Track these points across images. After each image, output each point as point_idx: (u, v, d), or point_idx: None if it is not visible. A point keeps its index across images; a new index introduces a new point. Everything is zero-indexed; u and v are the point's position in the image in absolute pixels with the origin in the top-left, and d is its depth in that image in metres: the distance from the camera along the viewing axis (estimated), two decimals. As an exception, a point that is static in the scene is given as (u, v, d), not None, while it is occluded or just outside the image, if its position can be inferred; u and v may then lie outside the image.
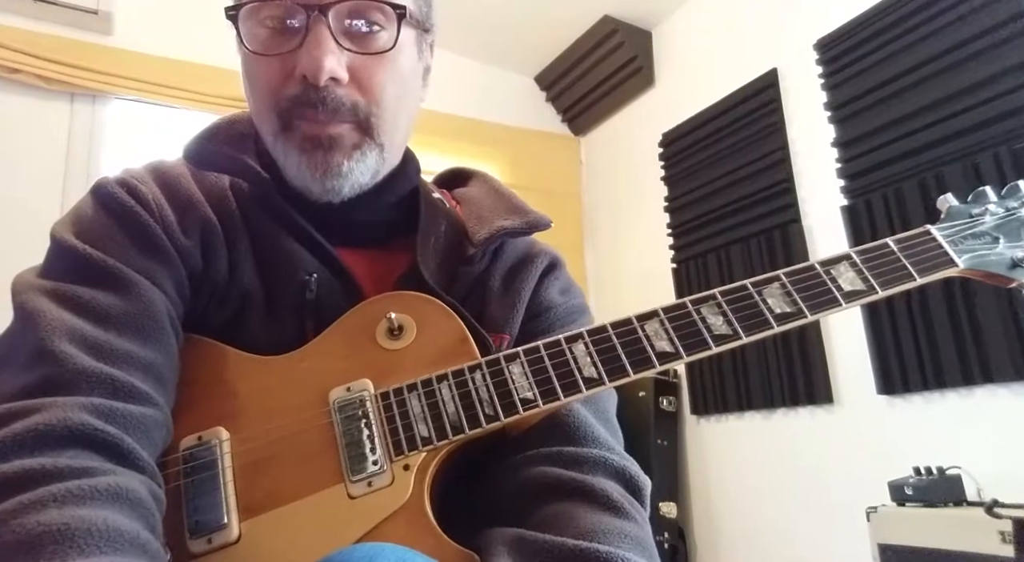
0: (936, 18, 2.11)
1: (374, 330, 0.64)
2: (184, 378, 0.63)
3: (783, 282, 0.64)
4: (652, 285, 3.13)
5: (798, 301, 0.63)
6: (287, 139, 0.66)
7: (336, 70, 0.63)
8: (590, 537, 0.54)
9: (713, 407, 2.75)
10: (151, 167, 0.70)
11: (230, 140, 0.72)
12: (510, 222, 0.74)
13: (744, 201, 2.71)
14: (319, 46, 0.62)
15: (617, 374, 0.61)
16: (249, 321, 0.66)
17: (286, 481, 0.59)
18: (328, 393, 0.62)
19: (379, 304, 0.66)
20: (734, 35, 2.88)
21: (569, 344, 0.62)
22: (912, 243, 0.68)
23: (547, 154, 3.55)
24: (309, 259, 0.68)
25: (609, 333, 0.62)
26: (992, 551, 1.53)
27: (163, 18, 2.63)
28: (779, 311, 0.62)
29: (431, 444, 0.59)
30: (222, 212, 0.69)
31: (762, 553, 2.55)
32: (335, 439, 0.60)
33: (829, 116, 2.41)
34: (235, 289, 0.66)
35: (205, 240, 0.66)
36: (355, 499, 0.58)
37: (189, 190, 0.68)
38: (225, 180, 0.72)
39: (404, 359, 0.63)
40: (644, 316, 0.63)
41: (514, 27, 3.20)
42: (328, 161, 0.65)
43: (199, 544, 0.56)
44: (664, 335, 0.61)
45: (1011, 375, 1.85)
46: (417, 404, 0.60)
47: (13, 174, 2.24)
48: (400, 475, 0.58)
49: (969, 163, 1.98)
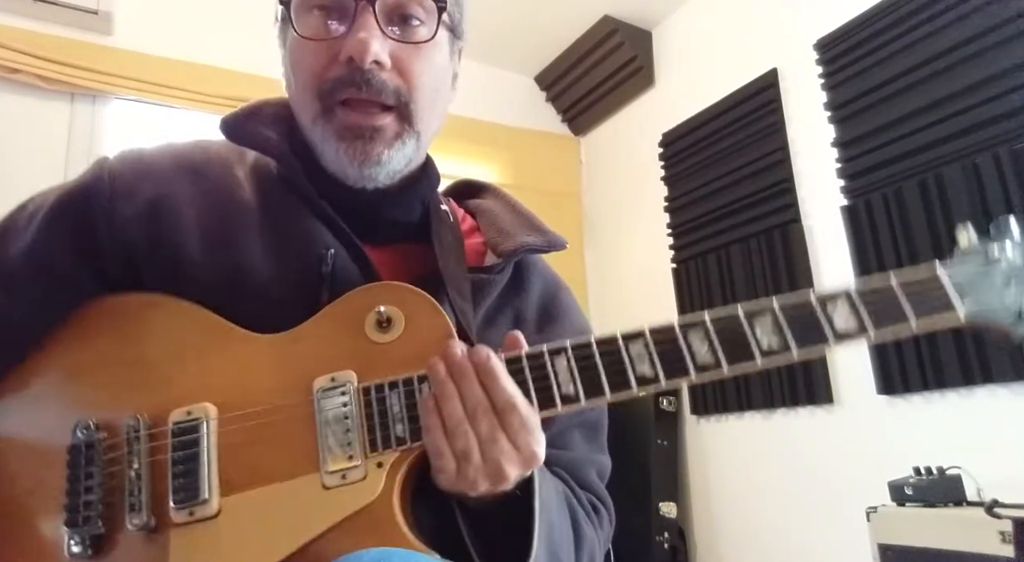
0: (936, 18, 2.11)
1: (363, 320, 0.65)
2: (177, 346, 0.65)
3: (776, 315, 0.61)
4: (652, 285, 3.13)
5: (788, 338, 0.60)
6: (326, 123, 0.69)
7: (380, 54, 0.66)
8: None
9: (713, 407, 2.75)
10: (140, 151, 0.75)
11: (268, 121, 0.75)
12: (532, 239, 0.78)
13: (744, 201, 2.71)
14: (366, 30, 0.66)
15: (595, 394, 0.60)
16: (247, 291, 0.67)
17: (266, 463, 0.61)
18: (313, 380, 0.63)
19: (370, 293, 0.66)
20: (734, 35, 2.88)
21: (552, 357, 0.61)
22: (917, 287, 0.62)
23: (547, 154, 3.55)
24: (330, 237, 0.70)
25: (593, 350, 0.61)
26: (992, 551, 1.53)
27: (163, 18, 2.63)
28: (766, 346, 0.60)
29: (405, 444, 0.60)
30: (227, 189, 0.72)
31: (762, 553, 2.55)
32: (314, 428, 0.61)
33: (829, 116, 2.41)
34: (223, 259, 0.68)
35: (156, 222, 0.69)
36: (328, 490, 0.59)
37: (165, 183, 0.71)
38: (249, 162, 0.76)
39: (390, 353, 0.63)
40: (630, 336, 0.62)
41: (514, 27, 3.20)
42: (368, 151, 0.69)
43: (181, 515, 0.60)
44: (647, 358, 0.60)
45: (1011, 375, 1.85)
46: (396, 403, 0.61)
47: (13, 174, 2.24)
48: (373, 471, 0.59)
49: (969, 163, 1.98)
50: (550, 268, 0.88)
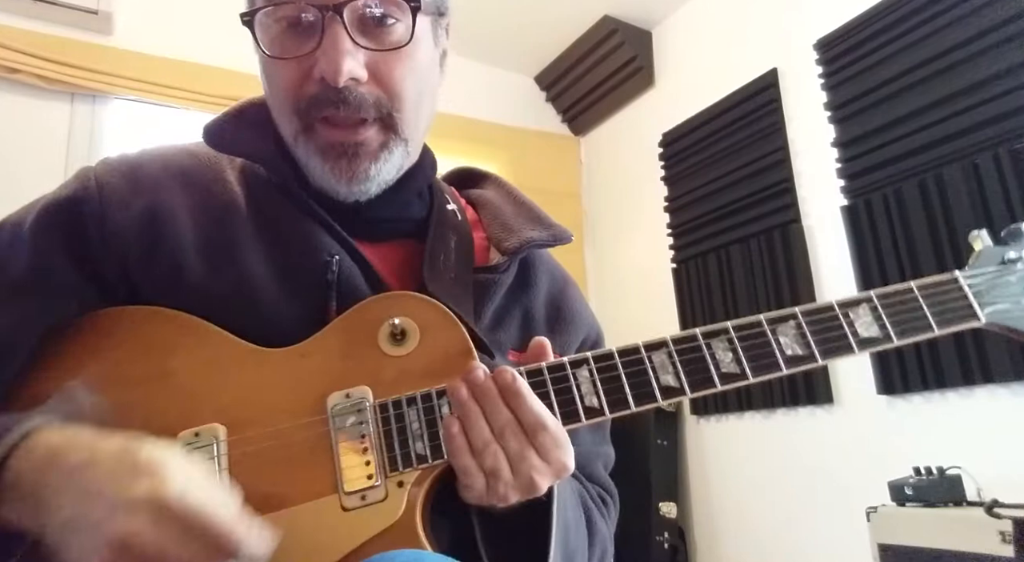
0: (936, 18, 2.11)
1: (376, 333, 0.62)
2: (182, 363, 0.62)
3: (799, 322, 0.62)
4: (652, 285, 3.13)
5: (811, 344, 0.61)
6: (308, 140, 0.66)
7: (355, 70, 0.62)
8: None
9: (713, 407, 2.75)
10: (126, 158, 0.71)
11: (254, 124, 0.72)
12: (537, 233, 0.75)
13: (744, 201, 2.71)
14: (336, 47, 0.61)
15: (619, 406, 0.59)
16: (251, 305, 0.64)
17: (280, 486, 0.58)
18: (326, 398, 0.60)
19: (383, 304, 0.64)
20: (734, 35, 2.87)
21: (574, 369, 0.60)
22: (937, 291, 0.65)
23: (547, 154, 3.55)
24: (331, 243, 0.67)
25: (616, 361, 0.60)
26: (992, 551, 1.53)
27: (163, 18, 2.63)
28: (791, 353, 0.61)
29: (426, 462, 0.58)
30: (220, 197, 0.69)
31: (762, 553, 2.55)
32: (331, 448, 0.59)
33: (829, 116, 2.41)
34: (225, 272, 0.64)
35: (152, 229, 0.65)
36: (348, 511, 0.57)
37: (156, 190, 0.67)
38: (237, 165, 0.72)
39: (405, 367, 0.61)
40: (652, 345, 0.61)
41: (514, 27, 3.20)
42: (354, 168, 0.66)
43: None
44: (671, 368, 0.60)
45: (1011, 375, 1.85)
46: (416, 420, 0.59)
47: (13, 174, 2.24)
48: (394, 491, 0.57)
49: (969, 163, 1.98)
50: (555, 261, 0.85)
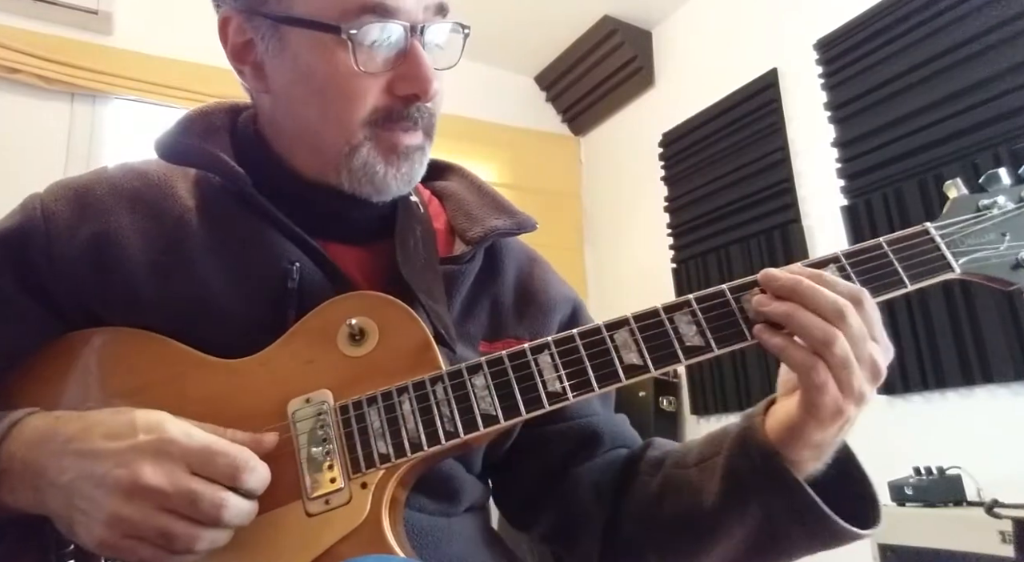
0: (936, 18, 2.11)
1: (335, 334, 0.62)
2: (142, 380, 0.62)
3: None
4: (652, 285, 3.12)
5: None
6: (374, 147, 0.67)
7: (440, 89, 0.68)
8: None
9: (713, 407, 2.75)
10: (72, 184, 0.70)
11: (204, 134, 0.72)
12: (501, 222, 0.75)
13: (744, 201, 2.71)
14: (427, 66, 0.66)
15: (582, 388, 0.58)
16: (210, 318, 0.64)
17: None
18: (287, 404, 0.60)
19: (340, 306, 0.63)
20: (734, 35, 2.87)
21: (535, 355, 0.59)
22: (907, 244, 0.62)
23: (547, 154, 3.55)
24: (291, 248, 0.67)
25: (577, 343, 0.59)
26: (992, 551, 1.53)
27: (163, 18, 2.63)
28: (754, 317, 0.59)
29: (389, 462, 0.58)
30: (171, 213, 0.68)
31: (762, 553, 2.54)
32: (293, 454, 0.58)
33: (829, 116, 2.41)
34: (181, 288, 0.65)
35: (102, 254, 0.65)
36: (312, 517, 0.57)
37: (104, 214, 0.67)
38: (191, 176, 0.71)
39: (365, 367, 0.61)
40: (613, 324, 0.60)
41: (514, 27, 3.20)
42: (411, 172, 0.69)
43: None
44: (633, 346, 0.59)
45: (1011, 375, 1.85)
46: (376, 419, 0.59)
47: (13, 174, 2.24)
48: (358, 493, 0.57)
49: (969, 163, 1.98)
50: (524, 245, 0.85)
